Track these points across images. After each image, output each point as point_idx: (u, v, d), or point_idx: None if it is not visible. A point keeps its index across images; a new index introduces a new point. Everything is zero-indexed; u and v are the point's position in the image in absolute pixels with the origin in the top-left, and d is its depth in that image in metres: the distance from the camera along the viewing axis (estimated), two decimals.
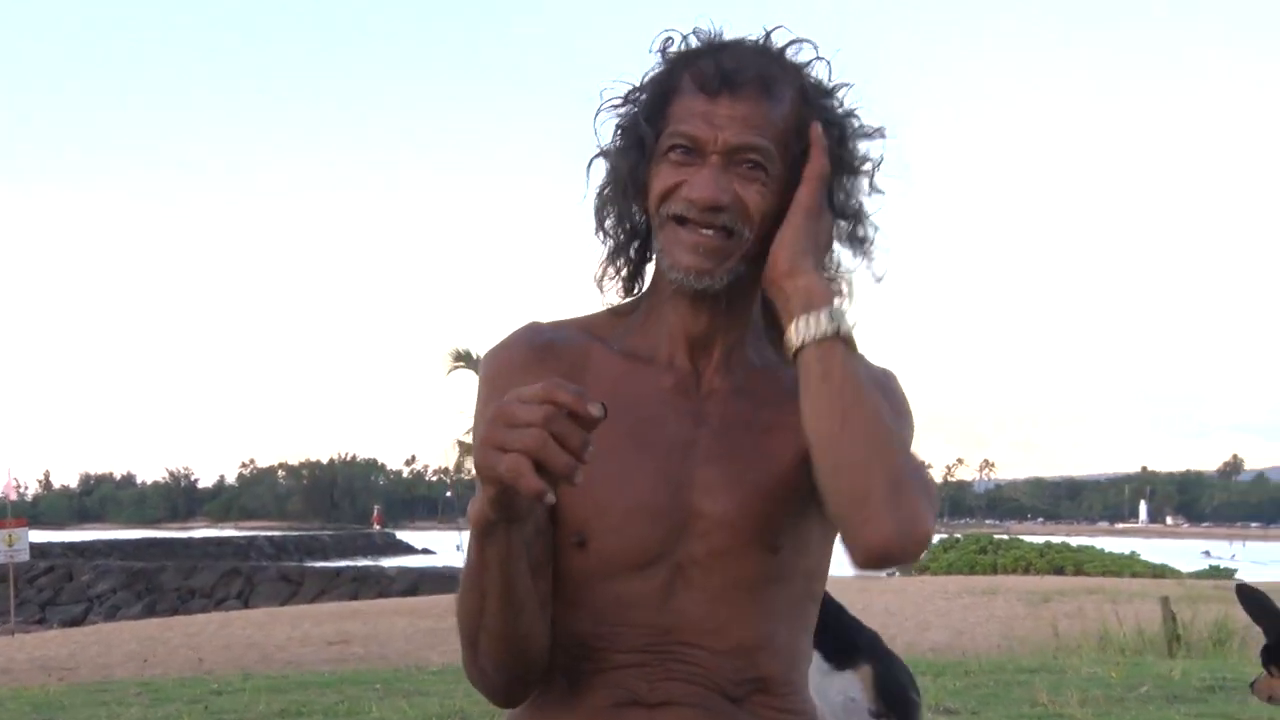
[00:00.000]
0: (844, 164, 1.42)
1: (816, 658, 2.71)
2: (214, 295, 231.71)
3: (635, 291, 1.50)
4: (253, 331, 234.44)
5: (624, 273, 1.48)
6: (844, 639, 2.57)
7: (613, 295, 1.50)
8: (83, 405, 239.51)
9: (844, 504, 1.29)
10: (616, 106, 1.44)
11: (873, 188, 1.44)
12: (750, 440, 1.41)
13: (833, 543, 1.45)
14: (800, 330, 1.30)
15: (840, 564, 1.43)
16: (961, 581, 23.24)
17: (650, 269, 1.49)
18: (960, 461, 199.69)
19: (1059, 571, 29.11)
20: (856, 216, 1.44)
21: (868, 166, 1.44)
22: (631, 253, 1.48)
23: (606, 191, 1.46)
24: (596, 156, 1.46)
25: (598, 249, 1.48)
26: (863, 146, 1.43)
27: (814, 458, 1.31)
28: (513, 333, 1.50)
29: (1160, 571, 29.99)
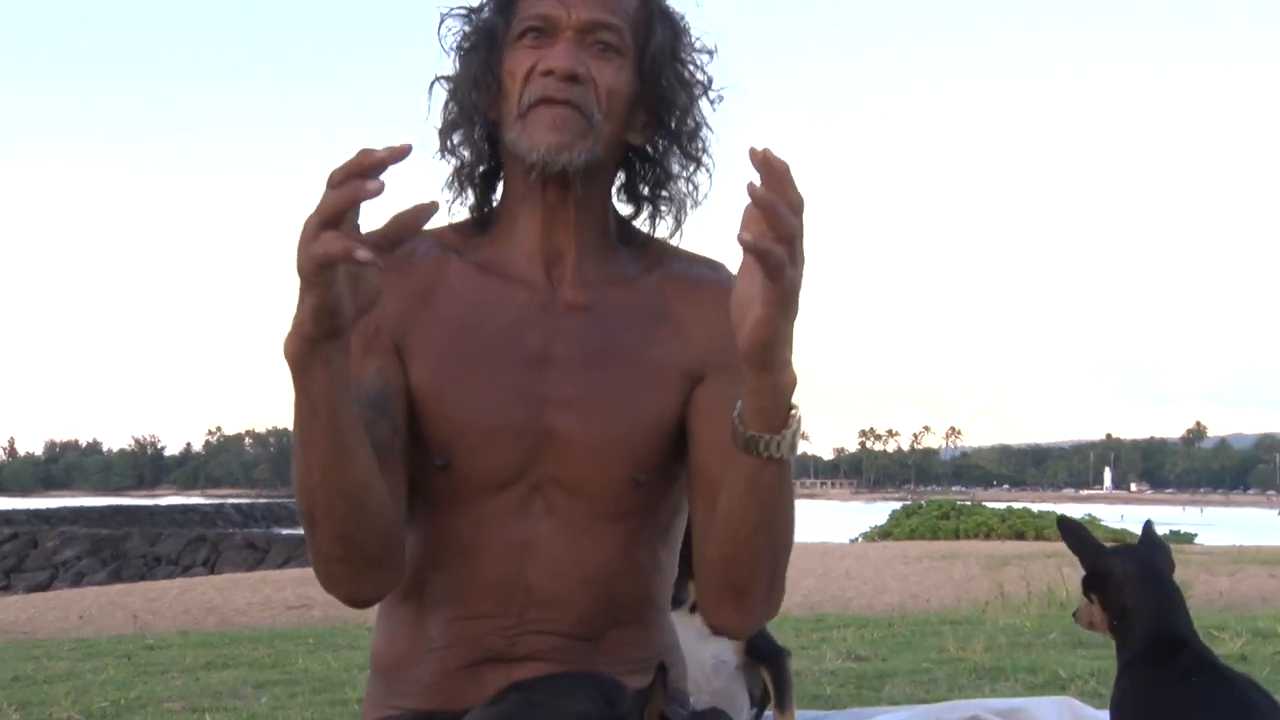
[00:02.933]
0: (681, 58, 1.44)
1: (695, 623, 2.82)
2: (181, 262, 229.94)
3: (485, 213, 1.48)
4: (220, 298, 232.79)
5: (472, 195, 1.47)
6: None
7: (461, 216, 1.48)
8: (48, 372, 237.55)
9: (719, 591, 1.35)
10: (461, 16, 1.45)
11: (708, 100, 1.46)
12: (612, 364, 1.41)
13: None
14: (767, 444, 1.23)
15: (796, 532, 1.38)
16: (922, 546, 23.42)
17: (499, 192, 1.48)
18: (927, 429, 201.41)
19: (1020, 537, 29.34)
20: (693, 130, 1.45)
21: (699, 82, 1.46)
22: (478, 175, 1.46)
23: (452, 104, 1.44)
24: (438, 79, 1.46)
25: (444, 170, 1.46)
26: (698, 59, 1.46)
27: (712, 545, 1.34)
28: None
29: (1119, 536, 30.26)
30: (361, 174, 1.08)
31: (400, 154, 1.09)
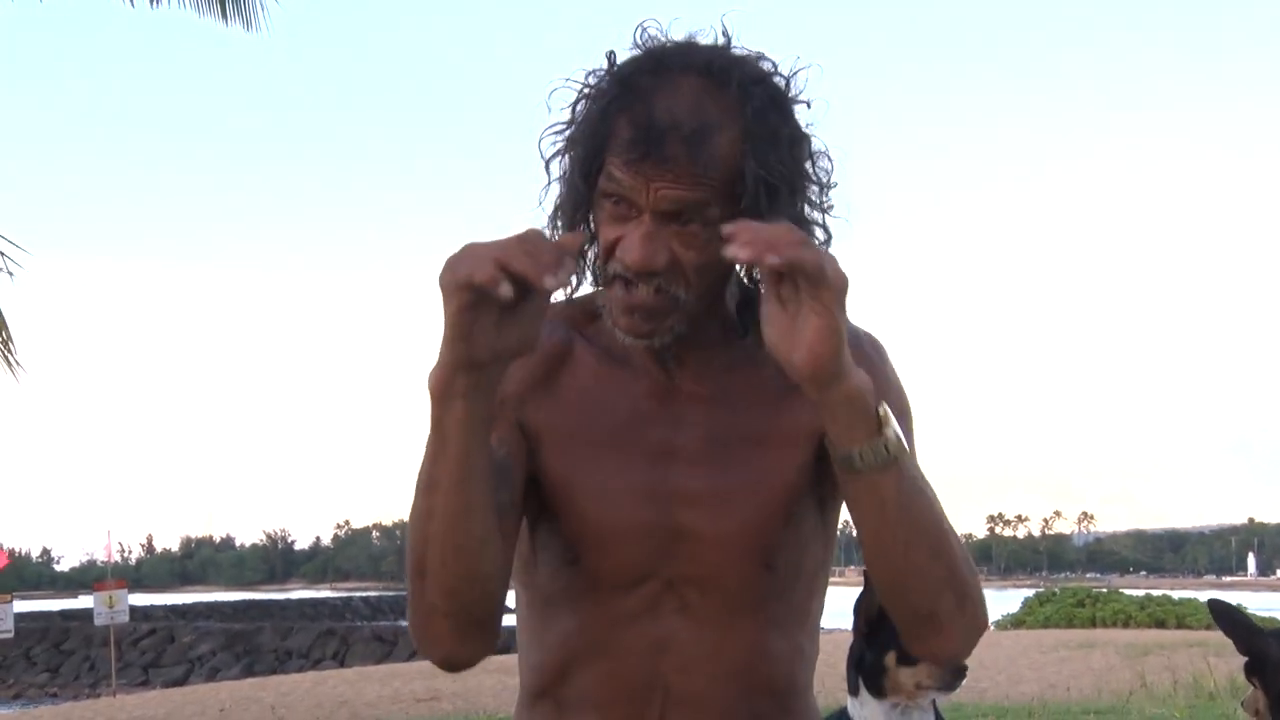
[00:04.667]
0: (794, 190, 1.33)
1: (884, 707, 3.16)
2: (309, 359, 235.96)
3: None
4: (347, 393, 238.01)
5: (590, 276, 1.39)
6: None
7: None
8: (184, 470, 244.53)
9: (910, 622, 1.31)
10: (558, 133, 1.36)
11: (825, 215, 1.36)
12: (738, 453, 1.36)
13: (833, 543, 1.44)
14: (862, 459, 1.19)
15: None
16: (1058, 635, 22.73)
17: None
18: (1058, 514, 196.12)
19: (1160, 625, 28.32)
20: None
21: (816, 193, 1.36)
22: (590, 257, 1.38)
23: (560, 212, 1.37)
24: (554, 157, 1.37)
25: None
26: (814, 170, 1.35)
27: (876, 578, 1.29)
28: None
29: (1269, 624, 28.98)
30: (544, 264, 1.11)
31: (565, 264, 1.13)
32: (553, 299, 1.18)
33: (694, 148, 1.27)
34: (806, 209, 1.35)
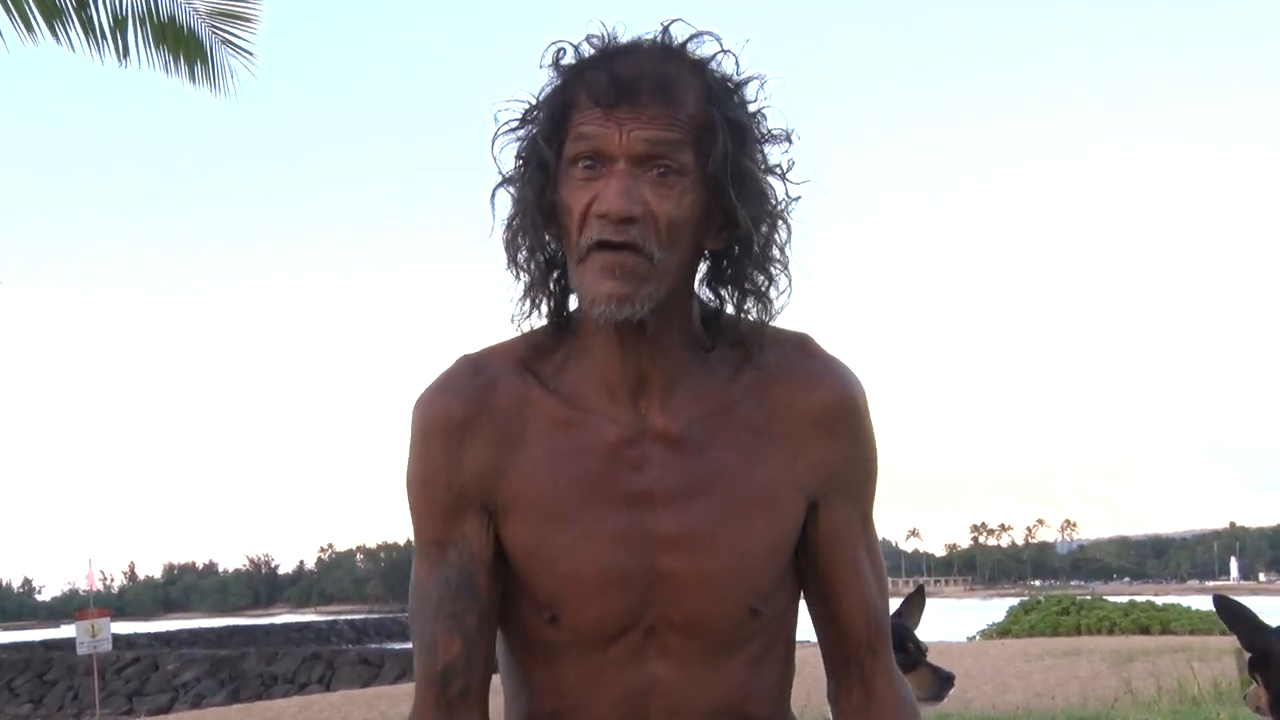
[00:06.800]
0: (747, 168, 1.32)
1: None
2: (287, 382, 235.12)
3: (561, 322, 1.40)
4: (328, 415, 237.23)
5: (545, 307, 1.38)
6: None
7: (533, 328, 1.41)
8: (165, 496, 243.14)
9: None
10: (514, 129, 1.36)
11: (787, 194, 1.37)
12: (716, 493, 1.34)
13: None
14: None
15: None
16: (1043, 644, 22.81)
17: (574, 300, 1.38)
18: (1041, 522, 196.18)
19: (1145, 631, 28.41)
20: (766, 238, 1.36)
21: (776, 170, 1.36)
22: (551, 285, 1.38)
23: (515, 222, 1.36)
24: (500, 186, 1.37)
25: (512, 285, 1.38)
26: (770, 150, 1.36)
27: None
28: (447, 374, 1.40)
29: None
30: None
31: None
32: (500, 337, 1.22)
33: (663, 91, 1.29)
34: (768, 162, 1.36)
